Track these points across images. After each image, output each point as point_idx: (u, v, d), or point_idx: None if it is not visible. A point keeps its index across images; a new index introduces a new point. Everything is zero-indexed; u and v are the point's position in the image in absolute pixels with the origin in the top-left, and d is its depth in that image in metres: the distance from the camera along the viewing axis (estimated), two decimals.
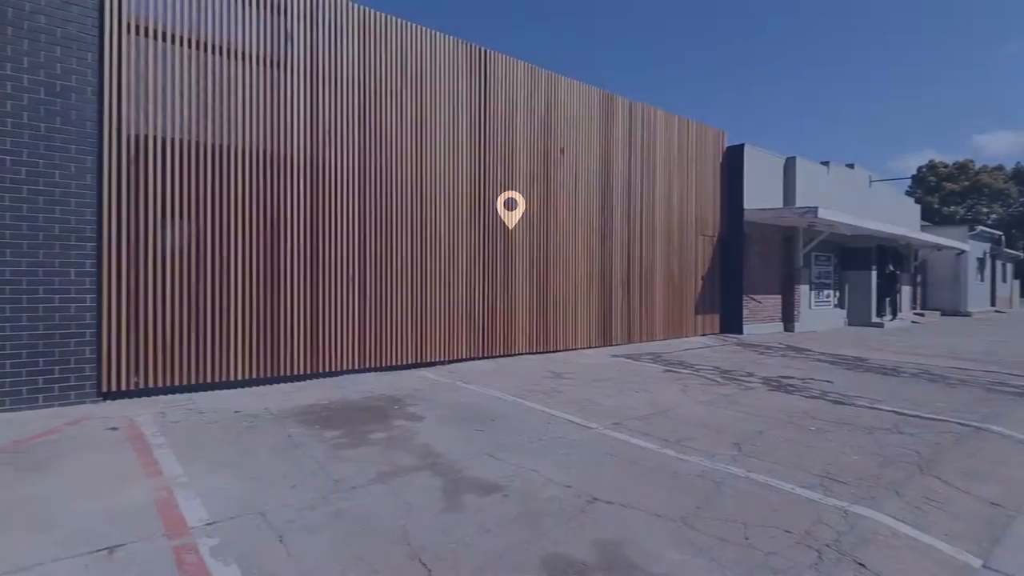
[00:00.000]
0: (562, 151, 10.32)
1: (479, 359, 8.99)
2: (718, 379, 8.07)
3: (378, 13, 7.95)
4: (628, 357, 9.95)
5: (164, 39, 6.30)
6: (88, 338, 5.79)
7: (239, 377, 6.71)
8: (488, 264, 9.14)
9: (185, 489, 3.72)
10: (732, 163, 14.05)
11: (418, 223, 8.29)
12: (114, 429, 5.00)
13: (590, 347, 10.74)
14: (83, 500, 3.53)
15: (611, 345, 11.13)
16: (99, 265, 5.87)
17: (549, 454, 4.64)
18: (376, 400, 6.31)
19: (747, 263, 13.99)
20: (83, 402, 5.76)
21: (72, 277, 5.72)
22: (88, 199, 5.83)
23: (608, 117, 11.15)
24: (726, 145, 14.12)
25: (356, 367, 7.63)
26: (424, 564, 2.88)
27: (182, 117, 6.41)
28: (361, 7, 7.78)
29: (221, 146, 6.65)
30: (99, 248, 5.87)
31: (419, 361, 8.26)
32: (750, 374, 8.55)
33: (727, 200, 14.01)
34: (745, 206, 13.79)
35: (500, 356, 9.27)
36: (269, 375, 6.93)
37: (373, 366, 7.80)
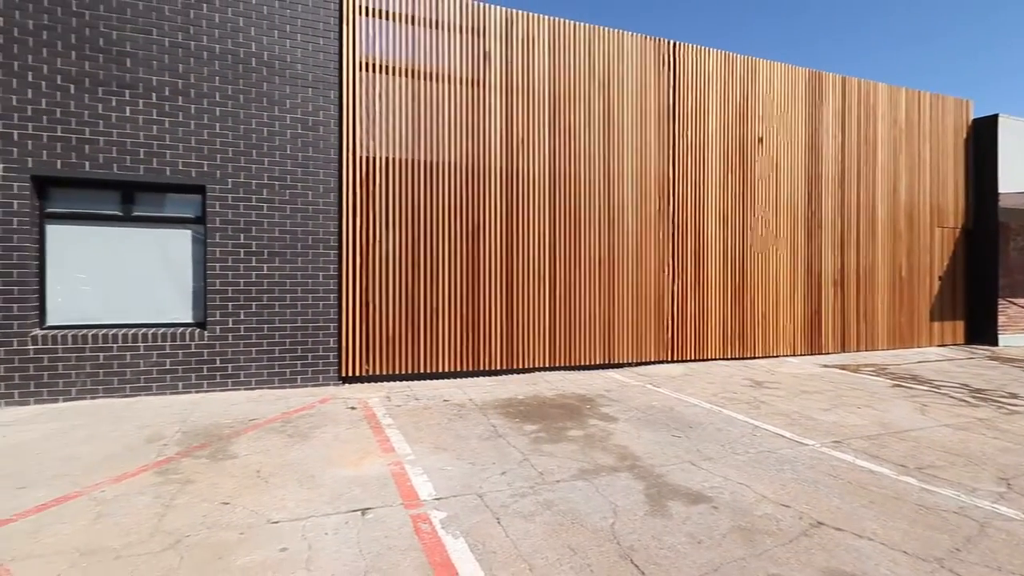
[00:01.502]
0: (760, 140, 9.51)
1: (668, 362, 8.70)
2: (968, 399, 6.71)
3: (566, 21, 8.16)
4: (843, 368, 8.78)
5: (387, 72, 7.23)
6: (332, 331, 6.88)
7: (445, 369, 7.40)
8: (679, 264, 8.79)
9: (414, 466, 4.20)
10: (981, 139, 11.59)
11: (606, 223, 8.31)
12: (353, 408, 5.86)
13: (794, 355, 9.71)
14: (337, 466, 4.19)
15: (820, 353, 9.94)
16: (339, 269, 6.94)
17: (758, 469, 4.29)
18: (568, 398, 6.46)
19: (1003, 260, 11.42)
20: (328, 384, 6.86)
21: (320, 279, 6.85)
22: (332, 213, 6.93)
23: (816, 98, 9.98)
24: (972, 118, 11.70)
25: (547, 365, 7.91)
26: (637, 566, 2.86)
27: (401, 138, 7.28)
28: (551, 18, 8.06)
29: (431, 162, 7.41)
30: (339, 254, 6.94)
31: (607, 362, 8.27)
32: (1013, 395, 6.95)
33: (974, 184, 11.60)
34: (1000, 190, 11.27)
35: (691, 360, 8.86)
36: (470, 369, 7.52)
37: (563, 365, 8.01)
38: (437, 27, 7.46)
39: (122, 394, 6.13)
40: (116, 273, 6.34)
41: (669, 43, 8.83)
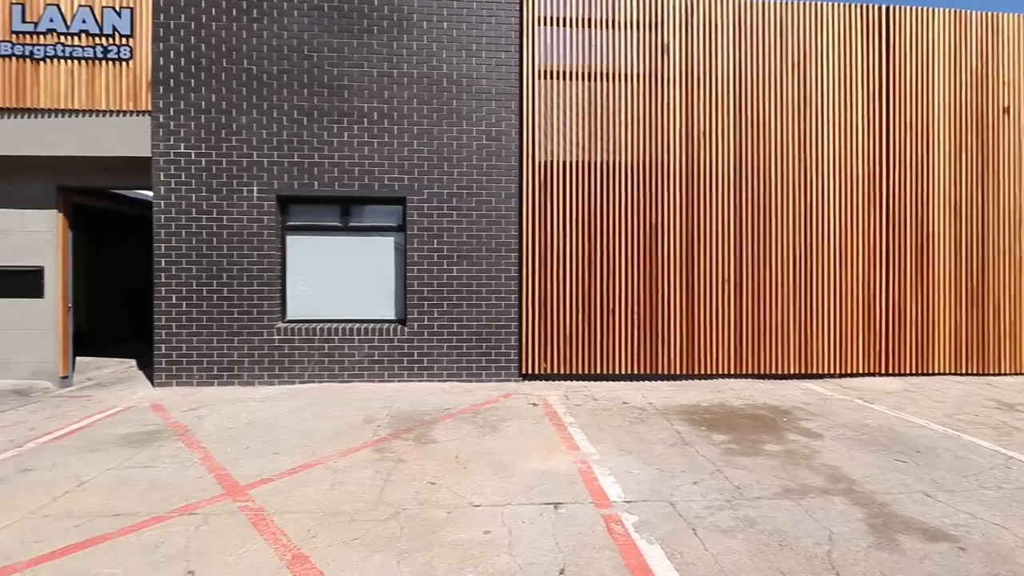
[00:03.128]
0: (1006, 111, 7.82)
1: (881, 375, 7.56)
2: None
3: (753, 1, 7.55)
4: None
5: (563, 77, 7.38)
6: (513, 329, 7.22)
7: (622, 371, 7.30)
8: (894, 261, 7.61)
9: (600, 466, 4.20)
10: None
11: (801, 217, 7.50)
12: (534, 405, 6.07)
13: None
14: (525, 459, 4.36)
15: None
16: (520, 270, 7.25)
17: (1018, 509, 3.51)
18: (760, 409, 5.95)
19: None
20: (510, 380, 7.21)
21: (503, 280, 7.23)
22: (512, 217, 7.26)
23: None
24: None
25: (731, 372, 7.39)
26: None
27: (577, 141, 7.37)
28: (736, 0, 7.53)
29: (607, 162, 7.38)
30: (520, 256, 7.25)
31: (803, 372, 7.45)
32: None
33: None
34: None
35: (910, 374, 7.59)
36: (647, 372, 7.32)
37: (750, 372, 7.41)
38: (613, 26, 7.41)
39: (341, 379, 7.10)
40: (336, 275, 7.37)
41: (881, 8, 7.69)
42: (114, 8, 6.93)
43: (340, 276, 7.38)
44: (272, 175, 7.08)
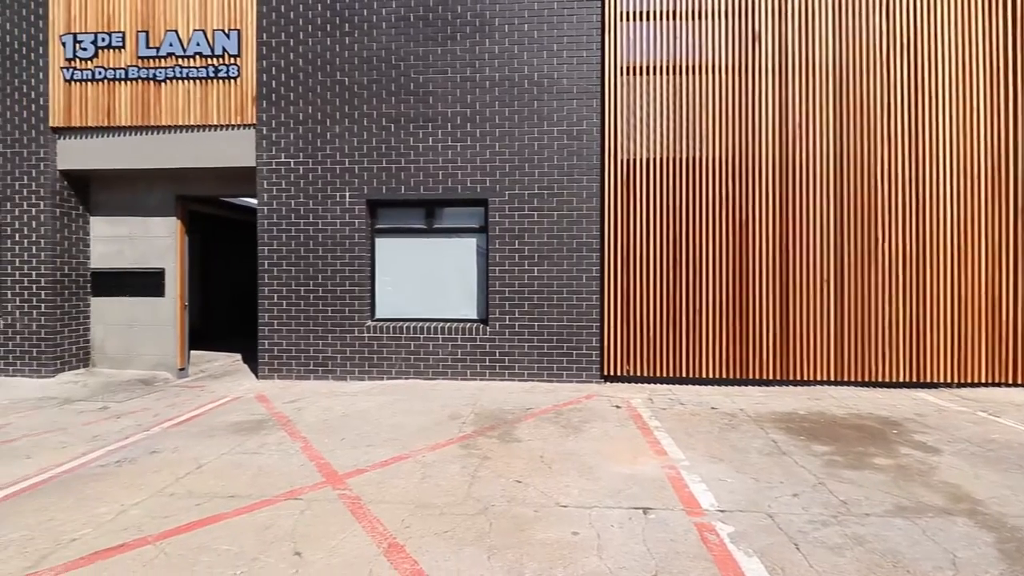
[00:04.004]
0: None
1: (1007, 385, 6.78)
2: None
3: None
4: None
5: (646, 72, 7.21)
6: (595, 330, 7.14)
7: (709, 375, 7.02)
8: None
9: (690, 472, 4.07)
10: None
11: (912, 211, 6.87)
12: (617, 407, 5.97)
13: None
14: (611, 461, 4.30)
15: None
16: (601, 270, 7.16)
17: None
18: (865, 419, 5.52)
19: None
20: (591, 382, 7.14)
21: (584, 280, 7.17)
22: (594, 217, 7.19)
23: None
24: None
25: (831, 379, 6.90)
26: None
27: (660, 138, 7.17)
28: None
29: (691, 159, 7.13)
30: (602, 256, 7.16)
31: (915, 380, 6.83)
32: None
33: None
34: None
35: None
36: (737, 376, 7.00)
37: (852, 380, 6.89)
38: (699, 17, 7.15)
39: (426, 376, 7.33)
40: (421, 276, 7.61)
41: None
42: (223, 31, 7.55)
43: (425, 277, 7.62)
44: (362, 180, 7.43)
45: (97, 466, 4.28)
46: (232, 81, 7.58)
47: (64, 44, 7.69)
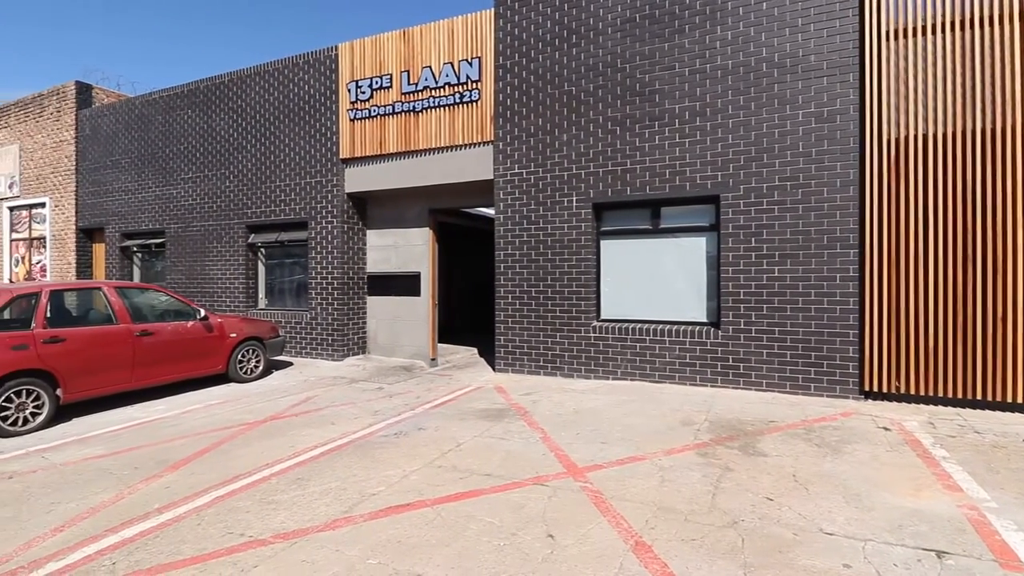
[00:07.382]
0: None
1: None
2: None
3: None
4: None
5: (922, 33, 6.04)
6: (851, 338, 6.22)
7: (1016, 400, 5.58)
8: None
9: (999, 517, 3.28)
10: None
11: None
12: (886, 429, 5.10)
13: None
14: (884, 491, 3.69)
15: None
16: (860, 270, 6.21)
17: None
18: None
19: None
20: (847, 397, 6.23)
21: (837, 281, 6.30)
22: (850, 209, 6.27)
23: None
24: None
25: None
26: None
27: (940, 109, 5.94)
28: None
29: (987, 130, 5.75)
30: (860, 254, 6.21)
31: None
32: None
33: None
34: None
35: None
36: None
37: None
38: None
39: (652, 379, 7.22)
40: (647, 277, 7.52)
41: None
42: (467, 60, 8.48)
43: (650, 278, 7.51)
44: (588, 185, 7.64)
45: (381, 436, 5.15)
46: (474, 104, 8.47)
47: (349, 90, 9.47)
